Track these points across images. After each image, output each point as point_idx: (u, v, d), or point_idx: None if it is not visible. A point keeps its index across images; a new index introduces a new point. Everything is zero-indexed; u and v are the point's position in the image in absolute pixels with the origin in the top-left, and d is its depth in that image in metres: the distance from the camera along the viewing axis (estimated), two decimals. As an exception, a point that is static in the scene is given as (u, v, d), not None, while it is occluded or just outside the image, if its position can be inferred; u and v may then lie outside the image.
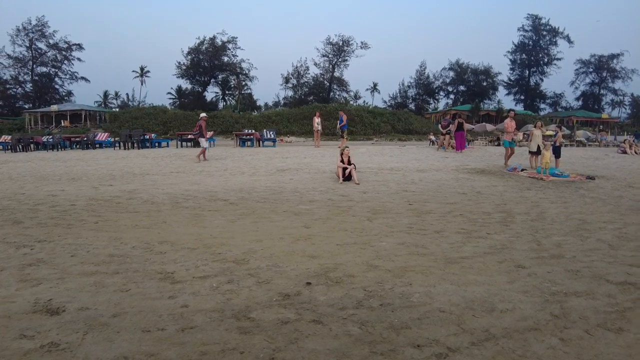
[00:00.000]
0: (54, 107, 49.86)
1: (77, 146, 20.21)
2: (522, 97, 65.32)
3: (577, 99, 65.55)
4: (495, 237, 4.70)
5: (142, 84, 66.53)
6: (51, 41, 57.12)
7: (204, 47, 57.01)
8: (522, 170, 11.20)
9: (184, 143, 18.75)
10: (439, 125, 18.39)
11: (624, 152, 19.78)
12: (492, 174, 10.61)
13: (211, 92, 63.43)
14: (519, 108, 63.20)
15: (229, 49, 57.80)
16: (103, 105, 67.99)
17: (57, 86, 61.08)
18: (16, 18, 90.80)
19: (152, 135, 20.48)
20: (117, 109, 56.74)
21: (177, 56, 59.20)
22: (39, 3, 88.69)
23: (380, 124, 45.43)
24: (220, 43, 57.37)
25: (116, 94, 71.42)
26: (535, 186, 8.78)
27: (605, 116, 54.89)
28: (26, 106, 55.31)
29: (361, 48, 59.94)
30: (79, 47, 60.38)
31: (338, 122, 18.19)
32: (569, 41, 60.79)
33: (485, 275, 3.50)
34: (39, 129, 47.32)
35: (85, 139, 19.93)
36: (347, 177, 8.97)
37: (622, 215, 5.97)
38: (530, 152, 12.21)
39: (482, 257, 3.99)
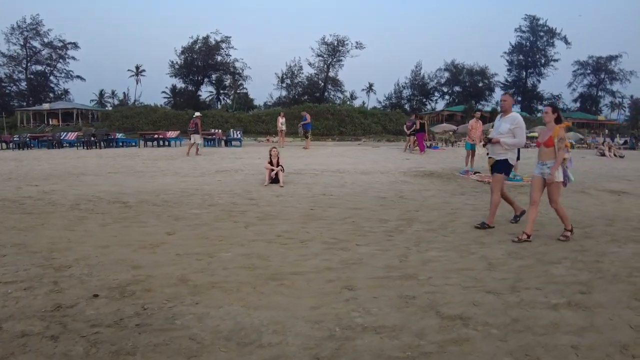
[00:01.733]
0: (46, 106, 49.92)
1: (45, 145, 20.00)
2: (520, 99, 64.43)
3: (575, 100, 64.61)
4: (360, 250, 4.31)
5: (137, 83, 66.35)
6: (46, 40, 57.17)
7: (197, 47, 56.78)
8: (475, 173, 10.76)
9: (148, 143, 18.43)
10: (404, 127, 17.96)
11: (603, 154, 19.26)
12: (439, 177, 10.19)
13: (205, 92, 63.22)
14: (516, 109, 62.49)
15: (223, 49, 57.54)
16: (99, 104, 68.23)
17: (52, 85, 61.18)
18: (10, 16, 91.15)
19: (118, 135, 20.18)
20: (111, 108, 56.66)
21: (173, 55, 59.03)
22: (34, 2, 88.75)
23: (371, 125, 45.00)
24: (214, 42, 57.12)
25: (113, 92, 71.57)
26: (473, 191, 8.34)
27: (601, 118, 54.11)
28: (21, 104, 55.40)
29: (356, 48, 59.35)
30: (75, 45, 60.37)
31: (301, 121, 17.79)
32: (566, 42, 59.90)
33: (294, 297, 3.12)
34: (31, 127, 47.46)
35: (51, 138, 19.69)
36: (276, 180, 8.63)
37: (543, 225, 5.50)
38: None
39: (315, 273, 3.61)
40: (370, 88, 68.55)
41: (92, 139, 17.68)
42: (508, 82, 64.61)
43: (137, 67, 66.38)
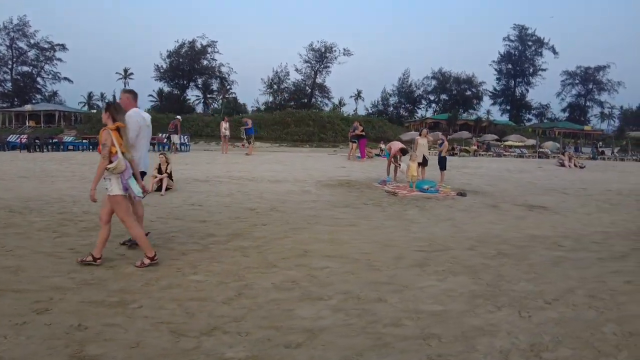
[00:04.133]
0: (28, 107, 49.70)
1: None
2: (508, 108, 64.22)
3: (564, 110, 64.37)
4: (126, 270, 3.87)
5: (125, 86, 66.10)
6: (32, 41, 57.06)
7: (183, 51, 56.68)
8: (392, 183, 10.36)
9: (91, 147, 18.05)
10: (349, 134, 17.59)
11: (562, 164, 18.88)
12: (351, 187, 9.76)
13: (192, 96, 63.00)
14: (505, 118, 62.16)
15: (209, 53, 57.44)
16: (87, 106, 68.06)
17: (39, 86, 61.01)
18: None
19: (65, 138, 19.80)
20: (95, 111, 56.42)
21: (160, 58, 59.24)
22: (22, 3, 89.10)
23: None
24: (200, 47, 57.02)
25: (101, 95, 71.45)
26: (372, 202, 7.88)
27: (588, 128, 53.75)
28: (4, 105, 55.19)
29: (344, 55, 59.32)
30: (63, 47, 60.29)
31: (243, 127, 17.41)
32: (554, 52, 59.80)
33: None
34: (12, 128, 47.19)
35: (-4, 140, 19.36)
36: (160, 187, 8.27)
37: (383, 245, 5.02)
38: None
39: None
40: (358, 95, 68.30)
41: (36, 141, 17.32)
42: (497, 91, 64.48)
43: (126, 70, 66.39)
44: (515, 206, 8.03)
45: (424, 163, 10.99)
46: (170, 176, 8.82)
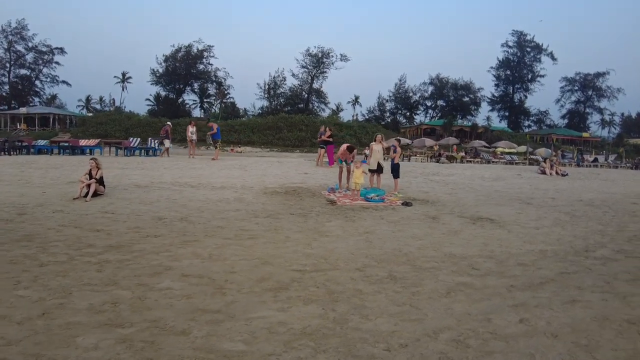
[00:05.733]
0: (23, 110, 49.84)
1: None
2: (507, 114, 63.56)
3: (563, 117, 63.54)
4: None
5: (123, 90, 66.40)
6: (30, 44, 57.43)
7: (179, 55, 56.76)
8: (341, 191, 9.87)
9: (61, 150, 17.73)
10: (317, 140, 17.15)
11: (543, 172, 18.29)
12: (296, 194, 9.30)
13: (189, 100, 63.03)
14: (503, 125, 61.49)
15: (205, 58, 57.49)
16: (85, 109, 68.28)
17: (37, 89, 61.35)
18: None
19: (41, 142, 19.54)
20: (91, 114, 56.52)
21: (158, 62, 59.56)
22: (24, 8, 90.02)
23: (345, 137, 44.23)
24: (196, 51, 57.10)
25: (100, 98, 71.74)
26: (301, 212, 7.39)
27: (586, 135, 52.92)
28: (1, 108, 55.44)
29: (341, 60, 59.19)
30: (61, 50, 60.71)
31: (209, 131, 17.04)
32: (553, 58, 59.18)
33: None
34: (7, 130, 47.32)
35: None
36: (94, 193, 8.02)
37: (261, 263, 4.54)
38: (369, 170, 10.75)
39: None
40: (356, 100, 68.01)
41: (5, 145, 17.07)
42: (495, 97, 63.89)
43: (124, 74, 66.61)
44: (458, 218, 7.48)
45: (378, 170, 10.49)
46: (101, 182, 8.49)
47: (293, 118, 46.43)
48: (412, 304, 3.42)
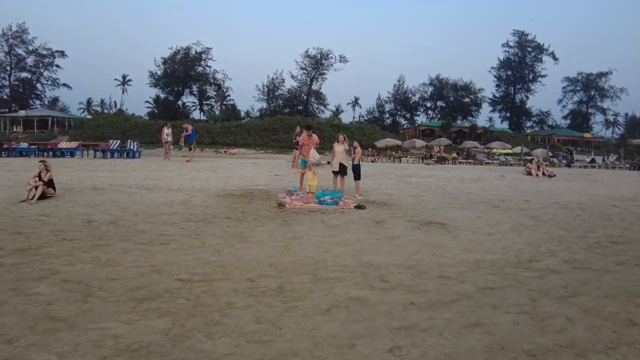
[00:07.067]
0: (22, 113, 50.24)
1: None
2: (508, 115, 62.82)
3: (565, 117, 62.64)
4: None
5: (123, 92, 66.73)
6: (30, 47, 57.91)
7: (178, 57, 56.93)
8: (294, 193, 9.61)
9: (42, 153, 17.71)
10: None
11: (529, 173, 17.91)
12: (249, 197, 9.06)
13: (189, 102, 63.17)
14: (504, 126, 60.78)
15: (203, 60, 57.58)
16: (87, 112, 68.76)
17: (38, 92, 61.85)
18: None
19: (19, 144, 19.60)
20: (90, 117, 56.92)
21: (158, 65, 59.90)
22: (24, 9, 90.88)
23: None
24: (195, 53, 57.23)
25: (101, 101, 72.18)
26: (241, 215, 7.14)
27: (588, 135, 52.09)
28: (1, 111, 56.01)
29: (340, 61, 58.92)
30: (62, 53, 61.13)
31: (184, 132, 16.89)
32: (554, 58, 58.35)
33: None
34: (7, 133, 47.76)
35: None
36: (43, 196, 7.92)
37: (151, 271, 4.31)
38: (332, 171, 10.51)
39: None
40: (355, 102, 67.68)
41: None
42: (496, 98, 63.20)
43: (124, 77, 66.94)
44: (406, 222, 7.12)
45: (341, 172, 10.23)
46: (50, 184, 8.39)
47: (289, 119, 46.23)
48: (276, 323, 3.08)
